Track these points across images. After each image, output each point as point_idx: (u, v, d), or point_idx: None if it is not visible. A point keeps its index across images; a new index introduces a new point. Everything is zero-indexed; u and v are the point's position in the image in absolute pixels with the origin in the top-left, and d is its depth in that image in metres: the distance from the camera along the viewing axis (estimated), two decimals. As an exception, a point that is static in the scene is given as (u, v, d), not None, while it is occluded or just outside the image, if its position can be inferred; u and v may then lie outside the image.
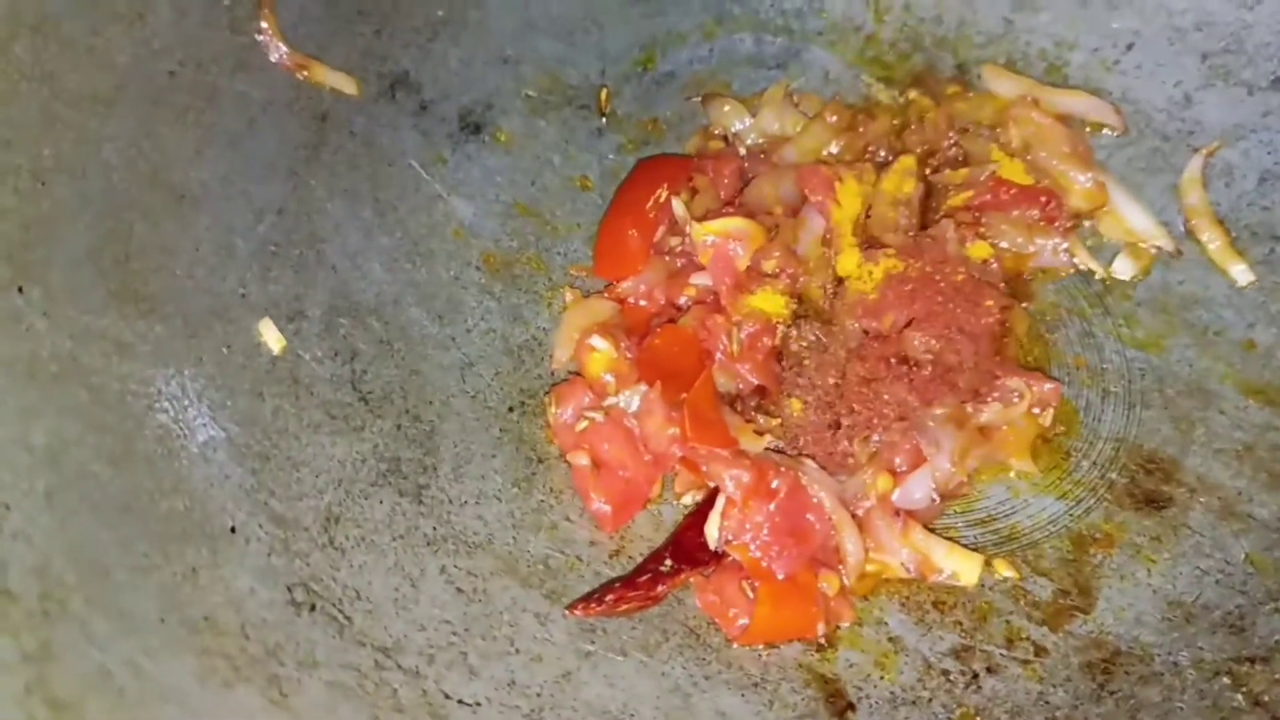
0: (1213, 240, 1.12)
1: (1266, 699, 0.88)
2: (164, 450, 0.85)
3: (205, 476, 0.86)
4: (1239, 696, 0.88)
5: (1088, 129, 1.18)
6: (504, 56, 1.22)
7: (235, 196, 1.00)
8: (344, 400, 1.00)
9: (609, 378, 1.06)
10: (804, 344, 1.06)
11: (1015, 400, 1.04)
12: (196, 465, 0.86)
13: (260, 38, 1.05)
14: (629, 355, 1.07)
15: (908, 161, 1.14)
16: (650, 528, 1.03)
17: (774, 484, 0.97)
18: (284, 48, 1.06)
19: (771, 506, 0.96)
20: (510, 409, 1.07)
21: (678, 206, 1.12)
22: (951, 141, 1.20)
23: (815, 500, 0.98)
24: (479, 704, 0.86)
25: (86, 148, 0.89)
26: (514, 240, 1.16)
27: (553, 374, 1.10)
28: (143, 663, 0.69)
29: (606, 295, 1.13)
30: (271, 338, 0.98)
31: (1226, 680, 0.89)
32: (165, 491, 0.82)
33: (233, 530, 0.85)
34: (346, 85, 1.11)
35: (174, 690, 0.69)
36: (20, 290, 0.80)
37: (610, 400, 1.05)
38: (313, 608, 0.85)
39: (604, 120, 1.24)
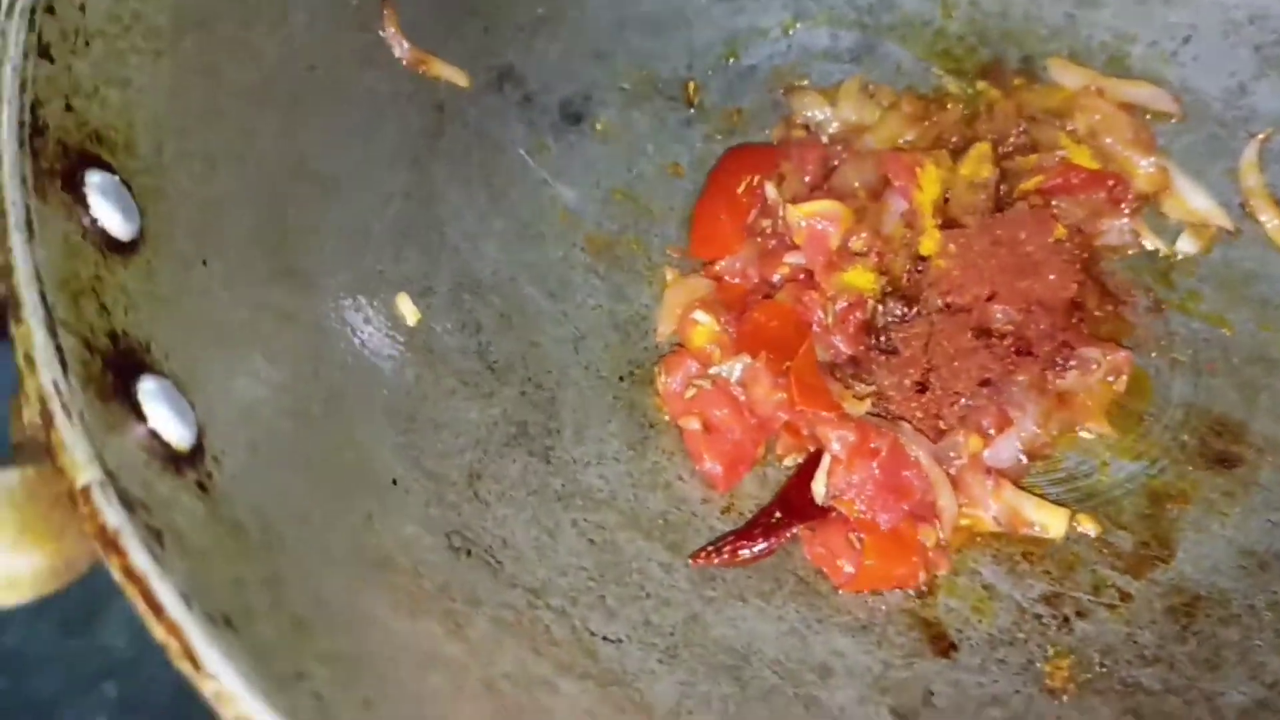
0: (1270, 220, 1.19)
1: (1338, 637, 0.95)
2: (331, 410, 0.92)
3: (366, 434, 0.94)
4: (1312, 635, 0.96)
5: (1149, 117, 1.26)
6: (599, 51, 1.29)
7: (367, 183, 1.08)
8: (473, 368, 1.08)
9: (713, 348, 1.13)
10: (891, 318, 1.13)
11: (1091, 368, 1.12)
12: (358, 425, 0.94)
13: (384, 35, 1.12)
14: (729, 329, 1.15)
15: (984, 148, 1.21)
16: (757, 486, 1.10)
17: (875, 444, 1.05)
18: (406, 44, 1.14)
19: (874, 465, 1.04)
20: (621, 378, 1.15)
21: (771, 191, 1.20)
22: (1020, 130, 1.27)
23: (913, 459, 1.05)
24: (621, 640, 0.94)
25: (245, 137, 0.96)
26: (614, 223, 1.24)
27: (657, 347, 1.18)
28: (346, 593, 0.77)
29: (703, 274, 1.21)
30: (408, 310, 1.06)
31: (1300, 620, 0.97)
32: (338, 447, 0.90)
33: (394, 483, 0.93)
34: (459, 78, 1.19)
35: (374, 618, 0.77)
36: (205, 264, 0.87)
37: (715, 369, 1.12)
38: (469, 553, 0.93)
39: (692, 111, 1.31)
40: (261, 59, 1.00)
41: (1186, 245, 1.21)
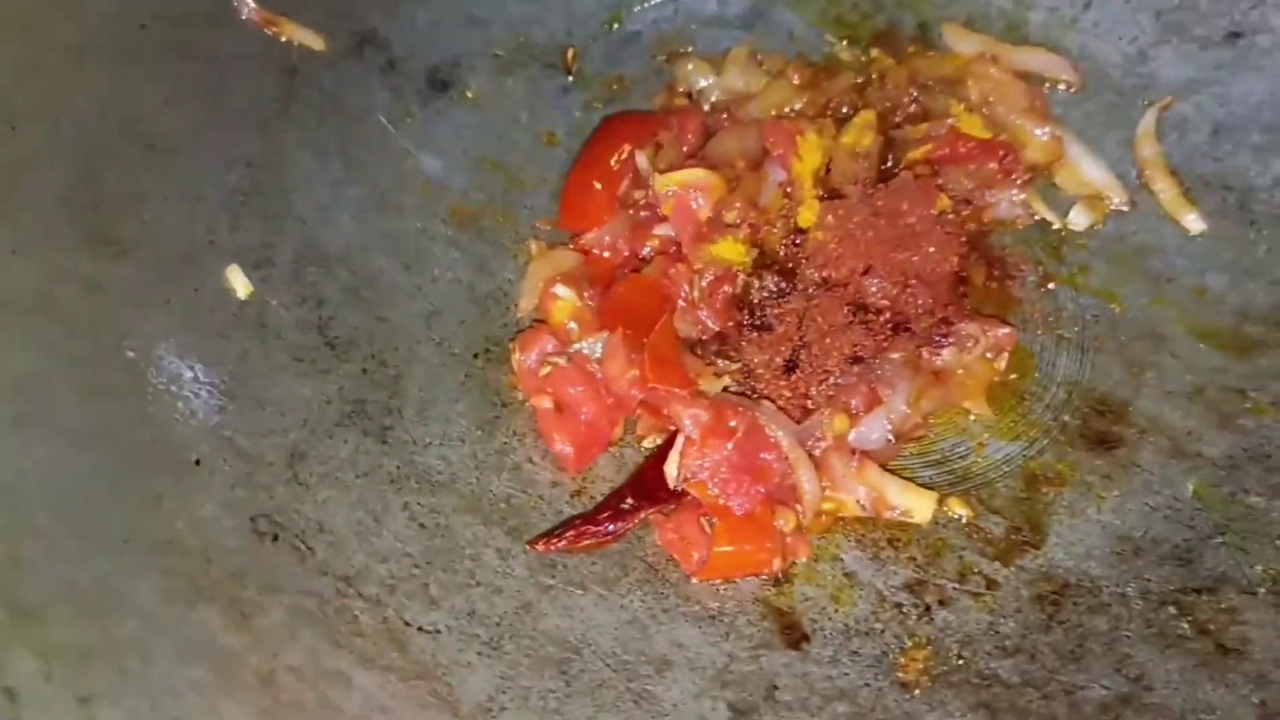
0: (1166, 191, 1.14)
1: (1211, 627, 0.90)
2: (132, 385, 0.87)
3: (170, 411, 0.88)
4: (1185, 625, 0.91)
5: (1046, 85, 1.20)
6: (473, 17, 1.23)
7: (205, 147, 1.03)
8: (310, 344, 1.02)
9: (572, 325, 1.08)
10: (764, 293, 1.08)
11: (970, 345, 1.06)
12: (162, 400, 0.88)
13: (230, -7, 1.07)
14: (592, 304, 1.09)
15: (867, 115, 1.15)
16: (612, 469, 1.05)
17: (732, 424, 0.99)
18: (253, 4, 1.08)
19: (729, 446, 0.98)
20: (475, 355, 1.10)
21: (641, 160, 1.14)
22: (912, 98, 1.22)
23: (772, 439, 1.00)
24: (439, 631, 0.89)
25: (59, 96, 0.91)
26: (481, 194, 1.18)
27: (518, 323, 1.12)
28: (109, 579, 0.71)
29: (571, 247, 1.15)
30: (239, 283, 1.00)
31: (1173, 610, 0.92)
32: (132, 423, 0.85)
33: (197, 463, 0.87)
34: (313, 41, 1.13)
35: (137, 606, 0.72)
36: (-11, 228, 0.82)
37: (575, 346, 1.07)
38: (275, 538, 0.88)
39: (570, 79, 1.26)
40: (85, 15, 0.94)
41: (1079, 218, 1.16)
